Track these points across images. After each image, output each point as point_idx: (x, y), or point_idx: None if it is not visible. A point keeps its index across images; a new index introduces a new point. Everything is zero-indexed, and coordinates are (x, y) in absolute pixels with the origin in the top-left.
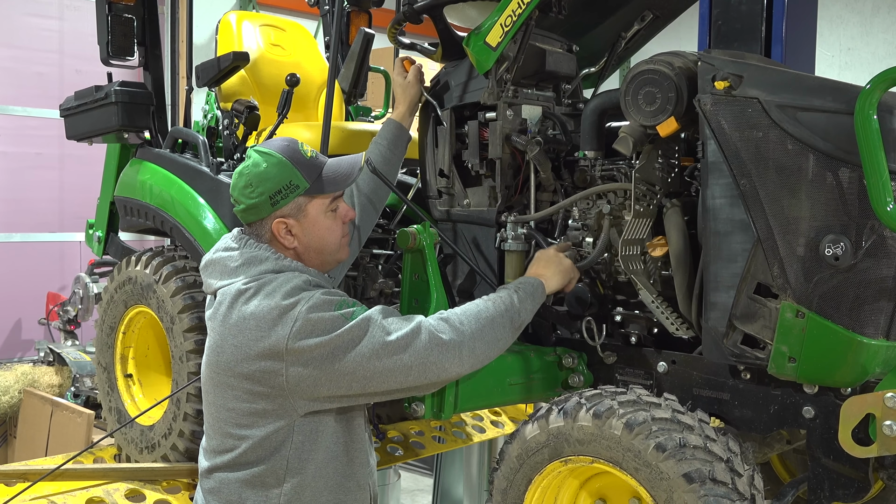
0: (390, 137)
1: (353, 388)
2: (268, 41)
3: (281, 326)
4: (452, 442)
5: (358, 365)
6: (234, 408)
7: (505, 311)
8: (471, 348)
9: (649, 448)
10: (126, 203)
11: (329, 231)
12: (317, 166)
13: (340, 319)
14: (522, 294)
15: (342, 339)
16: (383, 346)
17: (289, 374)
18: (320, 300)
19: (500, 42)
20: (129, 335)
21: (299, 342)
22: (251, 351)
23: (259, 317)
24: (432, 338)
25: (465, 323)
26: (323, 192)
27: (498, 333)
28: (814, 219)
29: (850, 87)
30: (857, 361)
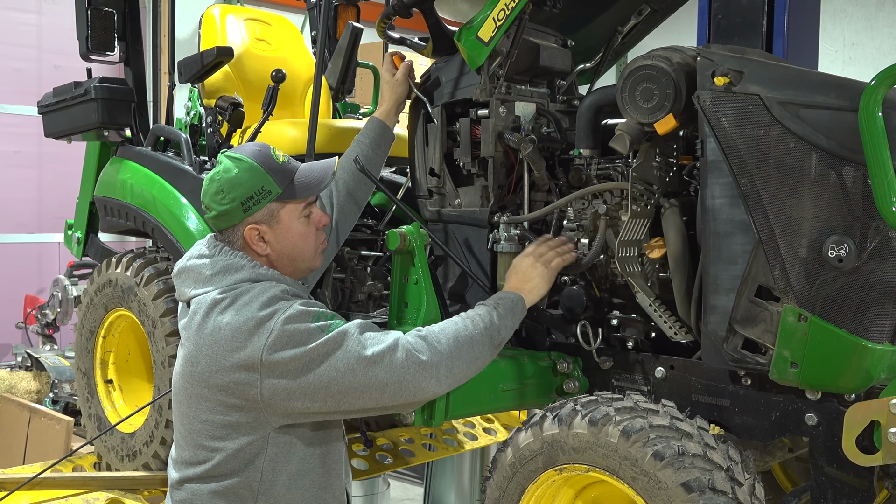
0: (373, 136)
1: (328, 403)
2: (252, 36)
3: (257, 338)
4: (443, 450)
5: (332, 379)
6: (207, 419)
7: (484, 329)
8: (448, 368)
9: (647, 456)
10: (106, 203)
11: (302, 238)
12: (289, 171)
13: (317, 332)
14: (502, 311)
15: (317, 352)
16: (359, 360)
17: (263, 386)
18: (297, 311)
19: (492, 37)
20: (109, 339)
21: (274, 354)
22: (226, 362)
23: (234, 328)
24: (410, 356)
25: (443, 342)
26: (295, 198)
27: (477, 352)
28: (817, 219)
29: (854, 84)
30: (862, 367)
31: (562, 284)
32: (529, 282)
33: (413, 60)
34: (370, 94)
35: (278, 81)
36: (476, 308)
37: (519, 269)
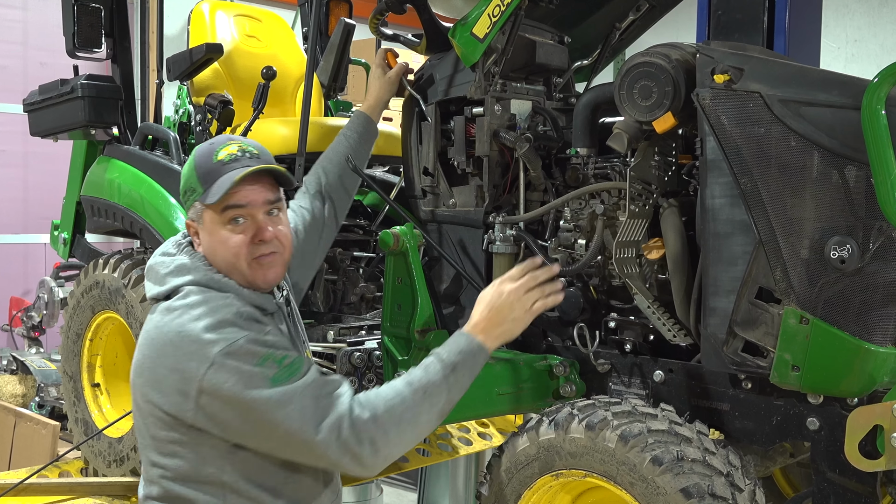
0: (361, 131)
1: (262, 449)
2: (242, 32)
3: (196, 364)
4: (437, 455)
5: (268, 436)
6: (154, 435)
7: (435, 403)
8: (385, 456)
9: (645, 461)
10: (93, 203)
11: (223, 244)
12: (214, 175)
13: (261, 378)
14: (460, 373)
15: (256, 404)
16: (297, 433)
17: (198, 416)
18: (242, 348)
19: (487, 33)
20: (96, 342)
21: (211, 387)
22: (164, 381)
23: (177, 345)
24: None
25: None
26: (207, 202)
27: (421, 429)
28: (818, 219)
29: (856, 81)
30: (865, 370)
31: None
32: (500, 325)
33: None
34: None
35: (269, 79)
36: (430, 365)
37: (494, 303)
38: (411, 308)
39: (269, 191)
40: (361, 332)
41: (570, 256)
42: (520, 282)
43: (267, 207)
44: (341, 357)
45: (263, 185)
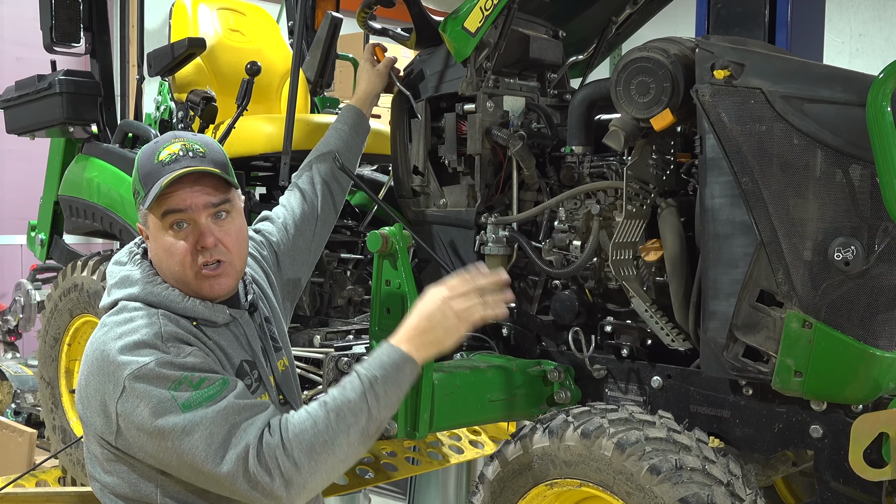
0: (352, 123)
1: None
2: (226, 26)
3: (112, 386)
4: (427, 463)
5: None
6: (94, 452)
7: (353, 424)
8: (300, 486)
9: (643, 470)
10: (71, 203)
11: (166, 251)
12: (154, 176)
13: (170, 403)
14: (381, 390)
15: (164, 433)
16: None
17: (118, 440)
18: (152, 371)
19: (479, 27)
20: (74, 347)
21: (124, 411)
22: (91, 401)
23: (99, 365)
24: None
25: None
26: (145, 206)
27: (341, 455)
28: (822, 220)
29: (861, 77)
30: (870, 376)
31: (553, 289)
32: (429, 334)
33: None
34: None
35: (253, 74)
36: (348, 383)
37: (424, 310)
38: (400, 312)
39: (214, 192)
40: (349, 337)
41: (564, 258)
42: (456, 289)
43: (211, 210)
44: (328, 362)
45: (206, 186)
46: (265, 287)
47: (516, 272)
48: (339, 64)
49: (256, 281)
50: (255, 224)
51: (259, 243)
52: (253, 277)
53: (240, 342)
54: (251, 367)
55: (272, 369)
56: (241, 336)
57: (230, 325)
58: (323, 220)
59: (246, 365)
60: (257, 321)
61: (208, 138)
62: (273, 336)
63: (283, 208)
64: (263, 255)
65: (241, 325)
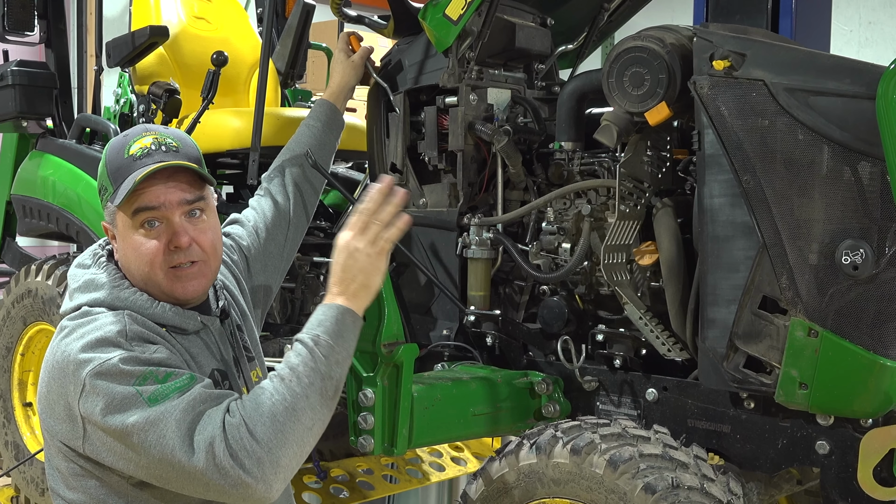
0: (325, 119)
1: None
2: (190, 13)
3: (72, 387)
4: (406, 482)
5: (147, 466)
6: (58, 466)
7: (309, 386)
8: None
9: (637, 489)
10: (25, 203)
11: (135, 251)
12: (123, 172)
13: (135, 398)
14: (326, 344)
15: (131, 429)
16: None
17: (86, 446)
18: (114, 367)
19: (462, 14)
20: (28, 357)
21: (87, 411)
22: (55, 408)
23: (61, 367)
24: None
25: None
26: (116, 203)
27: (306, 421)
28: (829, 221)
29: (871, 68)
30: (880, 388)
31: (541, 295)
32: (353, 280)
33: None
34: (323, 79)
35: (220, 65)
36: (292, 352)
37: (338, 261)
38: (377, 320)
39: (188, 189)
40: None
41: (553, 262)
42: (357, 227)
43: (185, 208)
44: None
45: (180, 182)
46: (236, 294)
47: (501, 277)
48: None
49: (227, 287)
50: (224, 227)
51: (229, 247)
52: (223, 283)
53: (210, 350)
54: (223, 376)
55: (245, 380)
56: (212, 344)
57: (200, 332)
58: (295, 224)
59: (217, 374)
60: (228, 329)
61: (180, 132)
62: (245, 345)
63: (253, 211)
64: (234, 260)
65: (212, 332)
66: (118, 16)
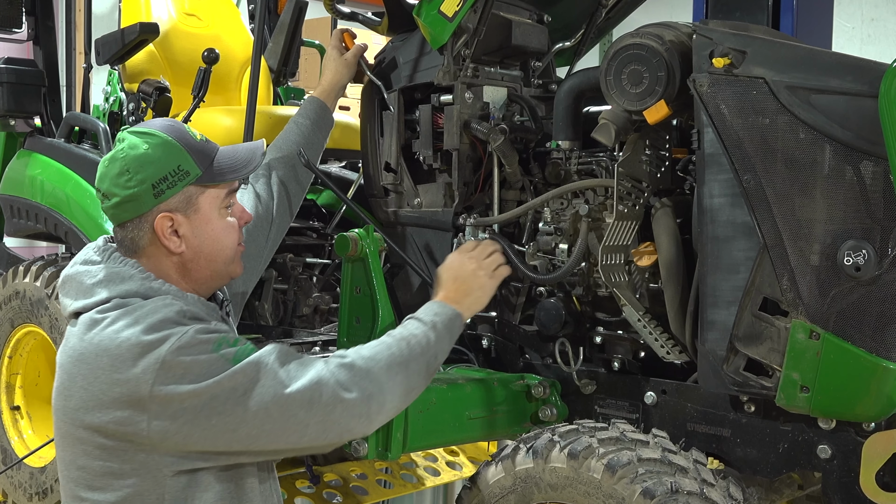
0: (314, 118)
1: (234, 447)
2: (181, 10)
3: (141, 368)
4: (401, 487)
5: (241, 421)
6: (84, 466)
7: (421, 354)
8: (380, 403)
9: (635, 494)
10: (12, 203)
11: (224, 233)
12: (208, 151)
13: (220, 362)
14: (441, 330)
15: (222, 388)
16: (275, 400)
17: (152, 428)
18: (193, 339)
19: (457, 11)
20: (16, 360)
21: (166, 389)
22: (104, 397)
23: (114, 354)
24: (335, 393)
25: (373, 372)
26: (216, 181)
27: (412, 382)
28: (830, 221)
29: (873, 65)
30: (882, 391)
31: (537, 296)
32: (469, 295)
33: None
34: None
35: (211, 63)
36: (408, 324)
37: (459, 274)
38: (371, 321)
39: None
40: (315, 349)
41: (550, 263)
42: (476, 251)
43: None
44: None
45: None
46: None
47: None
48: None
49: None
50: None
51: None
52: None
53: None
54: None
55: None
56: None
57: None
58: (278, 224)
59: None
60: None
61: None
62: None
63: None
64: None
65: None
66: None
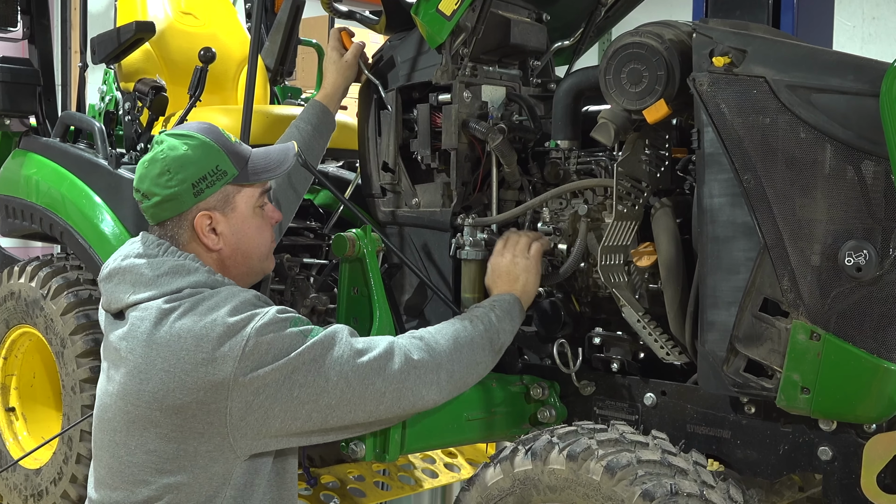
0: (315, 122)
1: (313, 419)
2: (177, 9)
3: (228, 348)
4: (399, 489)
5: (321, 391)
6: (155, 449)
7: (484, 331)
8: (449, 373)
9: (634, 496)
10: (7, 203)
11: (259, 230)
12: (243, 153)
13: (299, 337)
14: (500, 312)
15: (302, 360)
16: (353, 368)
17: (233, 406)
18: (274, 318)
19: (455, 10)
20: (11, 361)
21: (250, 370)
22: (188, 378)
23: (199, 335)
24: (408, 360)
25: (441, 343)
26: (251, 181)
27: (478, 356)
28: (831, 221)
29: (874, 64)
30: (884, 392)
31: (536, 297)
32: (517, 281)
33: (365, 42)
34: (313, 76)
35: (207, 62)
36: (471, 310)
37: (500, 271)
38: (369, 322)
39: None
40: None
41: (549, 263)
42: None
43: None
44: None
45: None
46: None
47: None
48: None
49: None
50: None
51: None
52: None
53: None
54: None
55: None
56: None
57: None
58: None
59: None
60: None
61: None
62: None
63: None
64: None
65: None
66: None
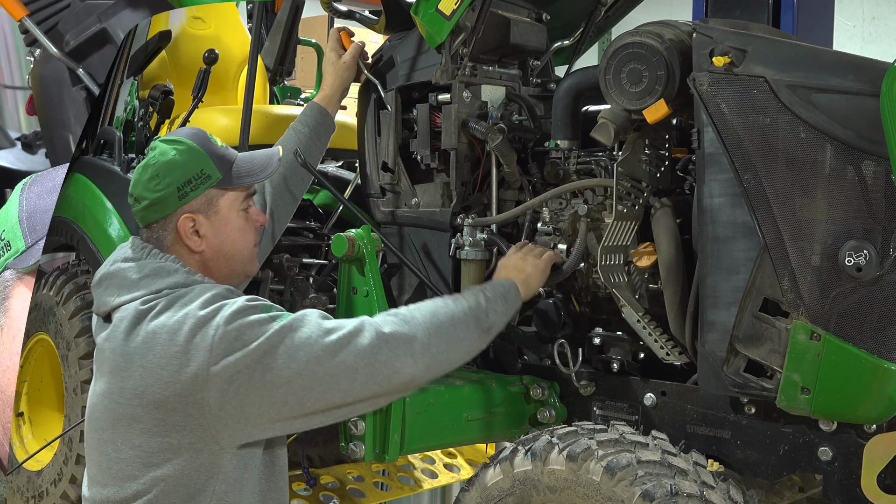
0: (313, 125)
1: (290, 403)
2: (190, 13)
3: (200, 339)
4: (398, 489)
5: (294, 373)
6: (140, 444)
7: (468, 308)
8: (424, 345)
9: (634, 497)
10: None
11: (241, 233)
12: (228, 157)
13: (268, 320)
14: (491, 294)
15: (271, 343)
16: (322, 347)
17: (210, 397)
18: (243, 306)
19: (455, 10)
20: (25, 368)
21: (221, 357)
22: (164, 372)
23: (172, 330)
24: (378, 334)
25: (416, 317)
26: (236, 184)
27: (460, 333)
28: (831, 221)
29: (875, 64)
30: (884, 392)
31: (536, 297)
32: (522, 272)
33: (364, 42)
34: (313, 76)
35: (210, 63)
36: (462, 291)
37: (508, 265)
38: None
39: None
40: None
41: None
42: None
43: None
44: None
45: None
46: None
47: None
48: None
49: None
50: None
51: None
52: None
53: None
54: None
55: None
56: None
57: None
58: (270, 234)
59: None
60: None
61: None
62: None
63: None
64: None
65: None
66: None
